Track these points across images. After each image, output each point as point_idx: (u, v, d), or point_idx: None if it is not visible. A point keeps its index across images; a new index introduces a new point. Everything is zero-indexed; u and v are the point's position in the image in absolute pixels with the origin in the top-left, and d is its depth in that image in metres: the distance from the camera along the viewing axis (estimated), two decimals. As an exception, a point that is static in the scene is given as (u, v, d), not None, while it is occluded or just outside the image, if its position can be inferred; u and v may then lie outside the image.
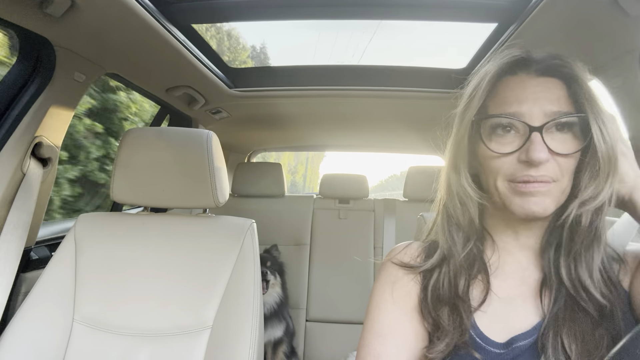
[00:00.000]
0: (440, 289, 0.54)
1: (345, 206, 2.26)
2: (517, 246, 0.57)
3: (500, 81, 0.54)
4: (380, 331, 0.55)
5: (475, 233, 0.56)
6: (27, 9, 0.79)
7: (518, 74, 0.53)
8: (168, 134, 1.07)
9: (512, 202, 0.51)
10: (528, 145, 0.49)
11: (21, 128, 0.95)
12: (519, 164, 0.50)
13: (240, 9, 1.09)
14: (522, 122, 0.50)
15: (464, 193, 0.55)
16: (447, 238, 0.57)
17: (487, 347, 0.51)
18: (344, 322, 2.03)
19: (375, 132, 2.19)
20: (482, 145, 0.53)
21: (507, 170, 0.51)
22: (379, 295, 0.59)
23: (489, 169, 0.53)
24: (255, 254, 1.00)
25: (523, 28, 0.91)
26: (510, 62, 0.53)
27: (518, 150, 0.50)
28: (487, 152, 0.53)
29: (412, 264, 0.59)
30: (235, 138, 2.29)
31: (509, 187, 0.51)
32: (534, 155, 0.48)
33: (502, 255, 0.57)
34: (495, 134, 0.52)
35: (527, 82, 0.52)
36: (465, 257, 0.55)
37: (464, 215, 0.55)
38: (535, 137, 0.49)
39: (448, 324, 0.52)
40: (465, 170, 0.55)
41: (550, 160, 0.49)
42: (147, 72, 1.25)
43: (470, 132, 0.54)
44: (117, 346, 0.93)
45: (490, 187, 0.54)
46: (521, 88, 0.52)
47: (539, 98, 0.50)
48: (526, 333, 0.51)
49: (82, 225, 1.03)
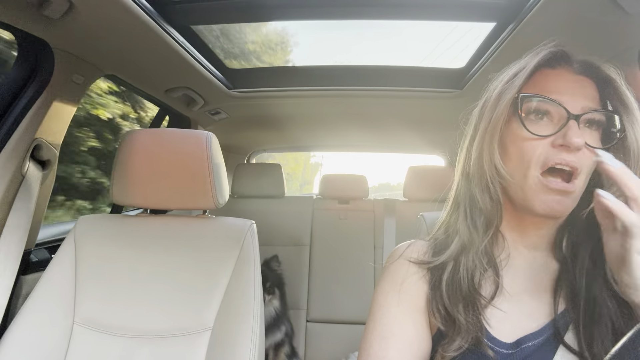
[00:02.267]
0: (461, 282, 0.53)
1: (345, 206, 2.26)
2: (526, 245, 0.57)
3: (538, 72, 0.54)
4: (383, 334, 0.54)
5: (496, 219, 0.55)
6: (25, 11, 0.79)
7: (557, 68, 0.54)
8: (167, 135, 1.07)
9: (535, 197, 0.51)
10: (565, 130, 0.49)
11: (20, 130, 0.95)
12: (553, 148, 0.50)
13: (238, 10, 1.09)
14: (563, 107, 0.50)
15: (496, 173, 0.53)
16: (468, 224, 0.56)
17: (495, 347, 0.51)
18: (345, 323, 2.03)
19: (375, 132, 2.19)
20: (515, 127, 0.53)
21: (540, 156, 0.51)
22: (382, 296, 0.58)
23: (520, 155, 0.52)
24: (255, 255, 1.00)
25: (522, 27, 0.91)
26: (553, 54, 0.54)
27: (554, 135, 0.50)
28: (521, 135, 0.52)
29: (425, 260, 0.58)
30: (235, 139, 2.29)
31: (539, 180, 0.51)
32: (573, 139, 0.48)
33: (511, 252, 0.57)
34: (528, 120, 0.52)
35: (566, 76, 0.53)
36: (484, 247, 0.54)
37: (492, 200, 0.54)
38: (572, 123, 0.49)
39: (465, 318, 0.51)
40: (497, 152, 0.54)
41: (581, 151, 0.50)
42: (145, 73, 1.25)
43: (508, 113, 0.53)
44: (117, 348, 0.93)
45: (517, 177, 0.52)
46: (560, 80, 0.53)
47: (576, 93, 0.51)
48: (535, 333, 0.51)
49: (82, 227, 1.03)
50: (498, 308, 0.53)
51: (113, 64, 1.13)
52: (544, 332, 0.50)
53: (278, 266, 2.00)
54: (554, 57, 0.54)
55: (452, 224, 0.59)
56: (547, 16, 0.85)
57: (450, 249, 0.56)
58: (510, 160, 0.53)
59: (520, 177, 0.52)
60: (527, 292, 0.54)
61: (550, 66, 0.54)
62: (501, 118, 0.53)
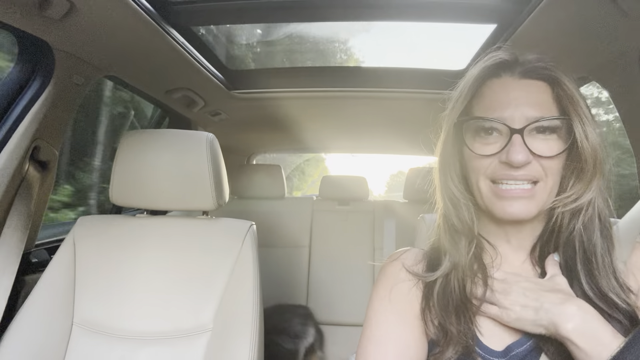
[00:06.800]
0: (452, 293, 0.54)
1: (344, 208, 2.25)
2: (511, 249, 0.57)
3: (485, 84, 0.55)
4: (378, 339, 0.54)
5: (474, 236, 0.56)
6: (26, 12, 0.79)
7: (502, 77, 0.54)
8: (167, 136, 1.07)
9: (494, 205, 0.52)
10: (509, 147, 0.50)
11: (20, 131, 0.95)
12: (500, 164, 0.51)
13: (239, 12, 1.09)
14: (503, 125, 0.51)
15: (453, 195, 0.56)
16: (450, 245, 0.56)
17: (486, 355, 0.51)
18: (344, 324, 2.03)
19: (376, 134, 2.19)
20: (465, 146, 0.54)
21: (486, 171, 0.52)
22: (377, 301, 0.58)
23: (472, 170, 0.54)
24: (254, 256, 1.00)
25: (522, 29, 0.91)
26: (494, 65, 0.54)
27: (499, 152, 0.51)
28: (470, 154, 0.54)
29: (419, 272, 0.58)
30: (235, 140, 2.29)
31: (491, 189, 0.52)
32: (514, 156, 0.49)
33: (500, 258, 0.57)
34: (479, 136, 0.53)
35: (510, 84, 0.53)
36: (470, 261, 0.55)
37: (459, 218, 0.56)
38: (515, 139, 0.50)
39: (457, 328, 0.51)
40: (451, 172, 0.56)
41: (532, 162, 0.50)
42: (146, 74, 1.25)
43: (454, 135, 0.55)
44: (116, 349, 0.92)
45: (474, 189, 0.54)
46: (504, 91, 0.53)
47: (520, 103, 0.51)
48: (521, 340, 0.51)
49: (82, 227, 1.03)
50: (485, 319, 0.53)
51: (113, 65, 1.13)
52: (530, 339, 0.50)
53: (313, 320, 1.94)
54: (495, 66, 0.54)
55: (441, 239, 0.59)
56: (548, 18, 0.85)
57: (441, 268, 0.56)
58: (469, 173, 0.55)
59: (476, 189, 0.54)
60: None
61: (496, 75, 0.55)
62: (448, 141, 0.56)
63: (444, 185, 0.57)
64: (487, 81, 0.55)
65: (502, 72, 0.54)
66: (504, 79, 0.54)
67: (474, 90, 0.54)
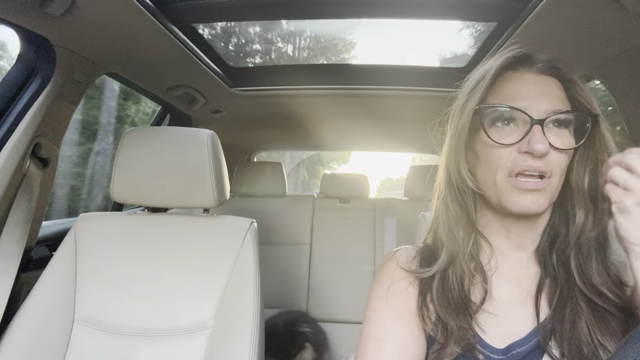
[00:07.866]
0: (451, 289, 0.54)
1: (345, 205, 2.25)
2: (511, 247, 0.57)
3: (501, 76, 0.54)
4: (377, 337, 0.55)
5: (474, 228, 0.56)
6: (27, 9, 0.79)
7: (520, 70, 0.54)
8: (168, 133, 1.07)
9: (508, 198, 0.52)
10: (530, 136, 0.50)
11: (21, 128, 0.95)
12: (519, 155, 0.51)
13: (240, 9, 1.09)
14: (525, 114, 0.50)
15: (463, 183, 0.55)
16: (449, 236, 0.56)
17: (487, 352, 0.51)
18: (345, 322, 2.03)
19: (377, 131, 2.19)
20: (482, 135, 0.53)
21: (506, 163, 0.51)
22: (375, 299, 0.58)
23: (488, 162, 0.53)
24: (255, 254, 1.00)
25: (524, 27, 0.91)
26: (513, 58, 0.54)
27: (519, 142, 0.51)
28: (488, 143, 0.53)
29: (414, 269, 0.58)
30: (236, 137, 2.29)
31: (508, 182, 0.51)
32: (536, 145, 0.49)
33: (497, 257, 0.57)
34: (495, 126, 0.53)
35: (528, 78, 0.53)
36: (469, 254, 0.55)
37: (461, 208, 0.56)
38: (536, 129, 0.49)
39: (457, 324, 0.51)
40: (463, 161, 0.55)
41: (549, 154, 0.50)
42: (147, 71, 1.25)
43: (471, 123, 0.54)
44: (117, 346, 0.93)
45: (488, 182, 0.54)
46: (522, 84, 0.53)
47: (539, 95, 0.51)
48: (523, 339, 0.51)
49: (83, 225, 1.03)
50: (490, 312, 0.53)
51: (114, 62, 1.13)
52: (531, 338, 0.51)
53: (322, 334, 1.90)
54: (515, 59, 0.54)
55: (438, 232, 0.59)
56: (549, 16, 0.84)
57: (438, 262, 0.56)
58: (481, 165, 0.54)
59: (491, 182, 0.53)
60: (515, 297, 0.55)
61: (513, 69, 0.55)
62: (465, 129, 0.54)
63: (455, 173, 0.55)
64: (504, 73, 0.55)
65: (521, 66, 0.54)
66: (522, 72, 0.54)
67: (494, 79, 0.54)
